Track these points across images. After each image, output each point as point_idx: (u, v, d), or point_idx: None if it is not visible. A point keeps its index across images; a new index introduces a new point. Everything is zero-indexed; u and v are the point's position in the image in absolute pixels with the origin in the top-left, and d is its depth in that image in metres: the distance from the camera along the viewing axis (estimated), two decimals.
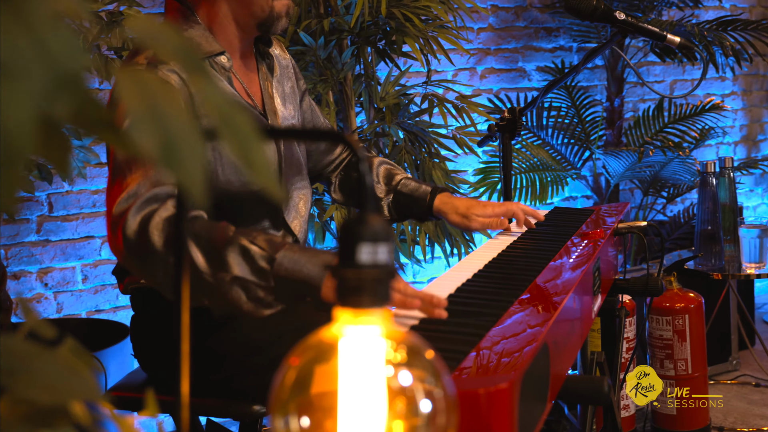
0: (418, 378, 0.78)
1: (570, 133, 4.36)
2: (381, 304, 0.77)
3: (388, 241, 0.77)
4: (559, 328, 1.41)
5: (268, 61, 2.07)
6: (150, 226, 1.59)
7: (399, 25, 3.24)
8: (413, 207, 2.22)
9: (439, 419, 0.78)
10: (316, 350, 0.78)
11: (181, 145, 0.49)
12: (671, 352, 3.18)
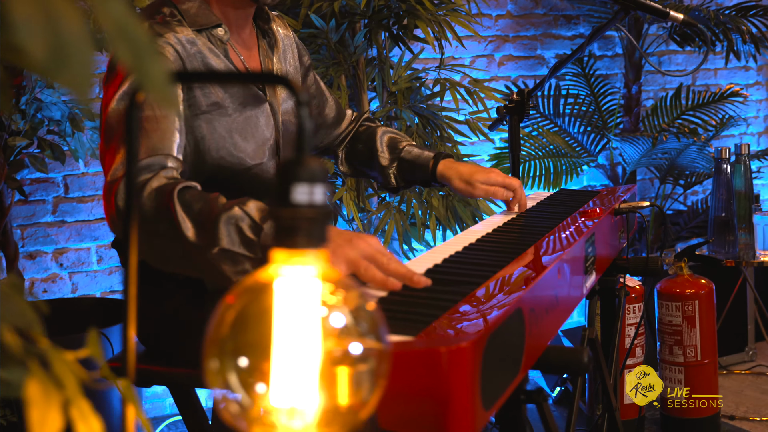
0: (351, 320, 0.78)
1: (587, 121, 4.34)
2: (316, 244, 0.78)
3: (324, 182, 0.77)
4: (538, 297, 1.41)
5: (269, 39, 2.08)
6: (143, 193, 1.60)
7: (410, 8, 3.23)
8: (417, 172, 2.23)
9: (370, 363, 0.78)
10: (252, 290, 0.79)
11: (71, 50, 0.50)
12: (680, 339, 3.16)
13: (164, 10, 1.88)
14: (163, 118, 1.73)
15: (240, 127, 1.91)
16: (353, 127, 2.35)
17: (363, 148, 2.30)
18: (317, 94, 2.26)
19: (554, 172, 4.16)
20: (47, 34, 0.49)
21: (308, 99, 0.74)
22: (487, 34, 4.46)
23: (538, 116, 4.37)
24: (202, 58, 1.86)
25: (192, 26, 1.88)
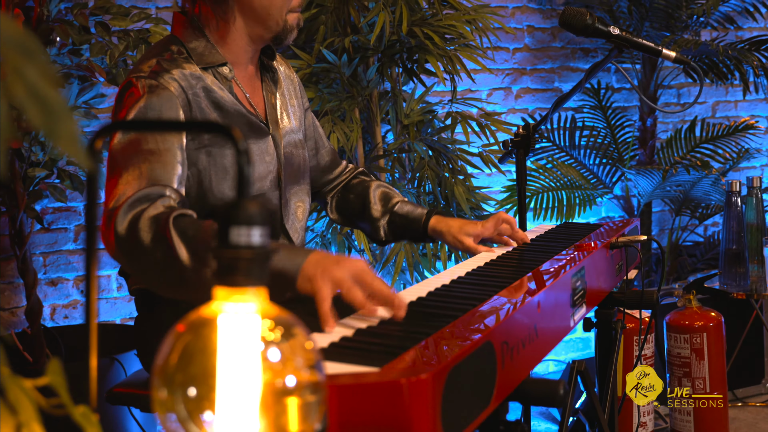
0: (286, 354, 0.83)
1: (603, 153, 4.37)
2: (255, 283, 0.83)
3: (262, 224, 0.83)
4: (512, 330, 1.45)
5: (272, 74, 2.16)
6: (139, 223, 1.66)
7: (420, 44, 3.30)
8: (409, 228, 2.30)
9: (308, 395, 0.83)
10: (198, 325, 0.84)
11: (59, 118, 0.56)
12: (689, 371, 3.17)
13: (172, 47, 1.97)
14: (165, 151, 1.80)
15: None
16: (346, 177, 2.42)
17: (355, 198, 2.37)
18: (314, 136, 2.33)
19: (568, 204, 4.19)
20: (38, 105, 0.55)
21: (246, 148, 0.80)
22: (505, 67, 4.52)
23: (553, 148, 4.41)
24: (207, 93, 1.94)
25: (198, 63, 1.96)
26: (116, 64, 2.87)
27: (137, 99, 1.86)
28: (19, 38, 0.61)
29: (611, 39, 2.21)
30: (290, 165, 2.11)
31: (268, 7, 1.98)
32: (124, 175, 1.76)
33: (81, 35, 2.89)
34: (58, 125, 0.59)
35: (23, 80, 0.59)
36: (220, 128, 0.84)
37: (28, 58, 0.61)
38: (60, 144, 0.59)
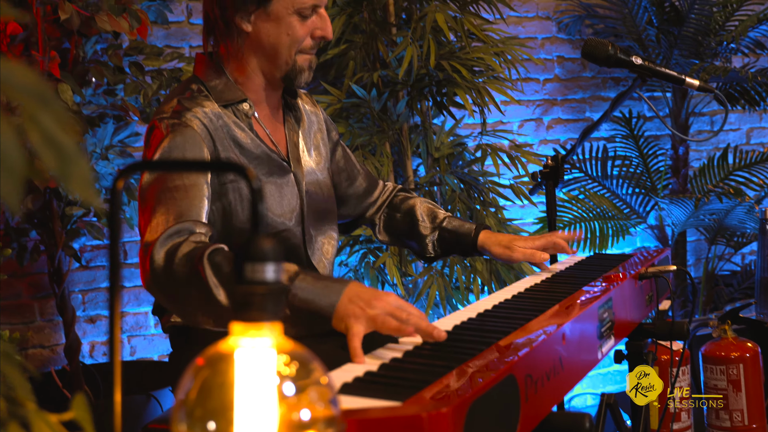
0: (302, 388, 0.85)
1: (636, 182, 4.36)
2: (270, 318, 0.85)
3: (275, 260, 0.85)
4: (536, 363, 1.46)
5: (295, 113, 2.18)
6: (174, 259, 1.70)
7: (448, 77, 3.33)
8: (458, 243, 2.34)
9: (323, 429, 0.85)
10: (215, 360, 0.86)
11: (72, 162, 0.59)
12: (726, 403, 3.14)
13: (193, 86, 2.01)
14: (192, 186, 1.84)
15: (268, 194, 2.01)
16: (387, 197, 2.44)
17: (402, 217, 2.39)
18: (347, 167, 2.35)
19: (601, 234, 4.18)
20: (53, 151, 0.58)
21: (260, 186, 0.82)
22: (535, 98, 4.53)
23: (585, 179, 4.40)
24: (227, 131, 1.97)
25: (218, 101, 1.99)
26: (150, 103, 2.93)
27: (161, 139, 1.90)
28: (35, 86, 0.64)
29: (634, 69, 2.22)
30: (313, 201, 2.13)
31: (276, 45, 1.99)
32: (155, 212, 1.81)
33: (115, 75, 2.95)
34: (71, 169, 0.62)
35: (38, 127, 0.61)
36: (235, 167, 0.87)
37: (43, 105, 0.63)
38: (73, 187, 0.61)
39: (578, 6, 4.48)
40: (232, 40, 2.00)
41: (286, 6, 1.96)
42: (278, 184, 2.04)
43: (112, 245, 0.94)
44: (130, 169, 0.95)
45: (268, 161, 2.03)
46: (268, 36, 1.99)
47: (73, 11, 2.69)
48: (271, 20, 1.97)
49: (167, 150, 1.88)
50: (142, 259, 1.77)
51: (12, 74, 0.64)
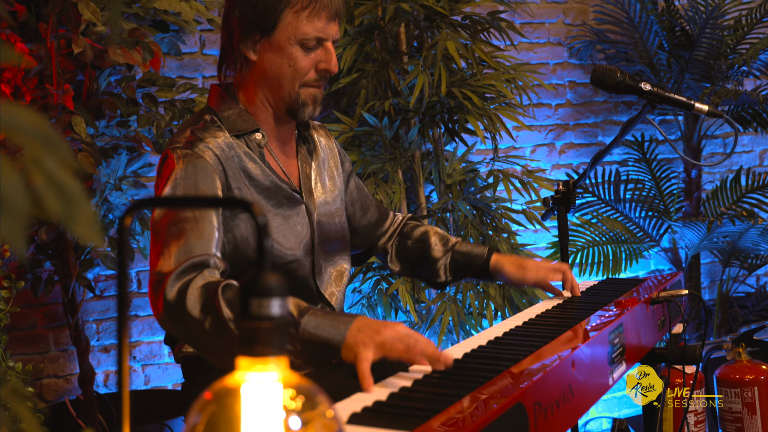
0: (308, 422, 0.86)
1: (649, 205, 4.36)
2: (276, 353, 0.86)
3: (281, 296, 0.86)
4: (545, 390, 1.46)
5: (309, 144, 2.18)
6: (188, 293, 1.71)
7: (460, 104, 3.35)
8: (470, 265, 2.35)
9: None
10: (222, 394, 0.87)
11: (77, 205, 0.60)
12: (741, 426, 3.12)
13: (206, 117, 2.02)
14: (202, 218, 1.84)
15: (276, 226, 2.02)
16: (398, 225, 2.45)
17: (413, 244, 2.41)
18: (360, 197, 2.36)
19: (614, 258, 4.17)
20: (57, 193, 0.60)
21: (265, 222, 0.84)
22: (547, 123, 4.54)
23: (598, 203, 4.41)
24: (239, 162, 1.97)
25: (231, 131, 1.99)
26: (162, 134, 2.96)
27: (173, 169, 1.90)
28: (40, 128, 0.65)
29: (643, 95, 2.23)
30: (325, 233, 2.13)
31: (279, 76, 1.99)
32: (167, 244, 1.81)
33: (129, 107, 2.98)
34: (76, 211, 0.63)
35: (42, 169, 0.63)
36: (240, 203, 0.88)
37: (47, 148, 0.65)
38: (78, 230, 0.63)
39: (589, 31, 4.50)
40: (240, 70, 2.01)
41: (288, 36, 1.95)
42: (288, 215, 2.04)
43: (120, 281, 0.95)
44: (137, 206, 0.96)
45: (278, 192, 2.03)
46: (271, 66, 1.98)
47: (87, 45, 2.73)
48: (274, 50, 1.97)
49: (179, 180, 1.89)
50: (154, 292, 1.78)
51: (16, 117, 0.65)
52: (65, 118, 2.78)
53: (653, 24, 4.27)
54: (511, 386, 1.42)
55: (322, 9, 1.96)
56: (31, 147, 0.64)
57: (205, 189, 1.90)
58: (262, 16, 1.95)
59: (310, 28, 1.95)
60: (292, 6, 1.95)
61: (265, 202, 2.00)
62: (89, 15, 2.65)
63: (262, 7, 1.94)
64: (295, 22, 1.95)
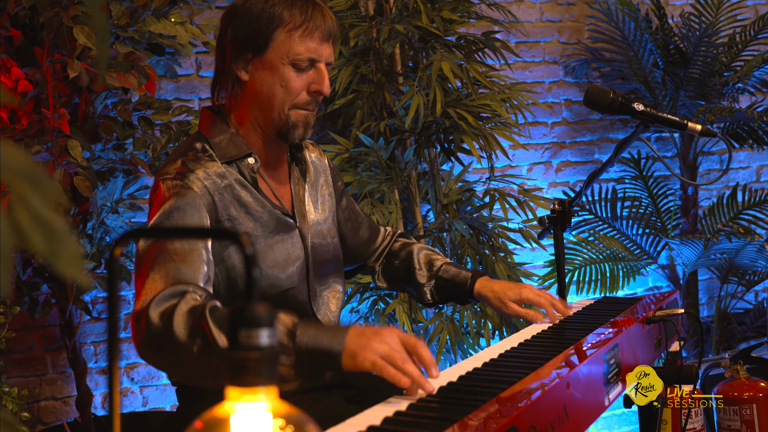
0: None
1: (646, 223, 4.37)
2: (265, 383, 0.86)
3: (269, 326, 0.86)
4: (540, 413, 1.46)
5: (302, 166, 2.15)
6: (173, 319, 1.64)
7: (455, 124, 3.36)
8: (454, 291, 2.33)
9: None
10: (212, 425, 0.87)
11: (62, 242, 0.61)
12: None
13: (196, 145, 1.98)
14: (190, 251, 1.80)
15: (271, 253, 1.98)
16: (388, 243, 2.44)
17: (400, 264, 2.39)
18: (352, 216, 2.34)
19: (611, 276, 4.18)
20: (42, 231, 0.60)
21: (253, 253, 0.84)
22: (544, 142, 4.56)
23: (595, 220, 4.41)
24: (231, 191, 1.94)
25: (222, 159, 1.96)
26: (159, 157, 2.96)
27: (163, 201, 1.87)
28: (25, 166, 0.66)
29: (636, 116, 2.24)
30: (318, 256, 2.11)
31: (270, 97, 1.96)
32: (151, 276, 1.76)
33: (125, 130, 2.99)
34: (60, 248, 0.63)
35: (27, 207, 0.63)
36: (228, 234, 0.88)
37: (33, 186, 0.65)
38: (62, 267, 0.63)
39: (584, 50, 4.52)
40: (233, 91, 1.99)
41: (281, 55, 1.94)
42: (283, 241, 2.02)
43: (111, 313, 0.95)
44: (128, 236, 0.96)
45: (272, 219, 2.00)
46: (263, 86, 1.96)
47: (82, 69, 2.74)
48: (266, 69, 1.95)
49: (168, 212, 1.85)
50: (135, 323, 1.71)
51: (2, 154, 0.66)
52: (61, 141, 2.78)
53: (648, 42, 4.29)
54: (506, 410, 1.42)
55: (315, 29, 1.94)
56: (16, 185, 0.65)
57: (192, 222, 1.86)
58: (254, 34, 1.94)
59: (302, 48, 1.94)
60: (285, 25, 1.93)
61: (260, 230, 1.98)
62: (84, 40, 2.66)
63: (255, 25, 1.93)
64: (287, 41, 1.93)
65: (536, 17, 4.56)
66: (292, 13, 1.93)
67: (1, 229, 0.61)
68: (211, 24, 3.22)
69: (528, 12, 4.53)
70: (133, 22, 2.95)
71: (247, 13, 1.94)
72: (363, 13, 3.51)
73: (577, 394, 1.67)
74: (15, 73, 2.79)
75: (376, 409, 1.50)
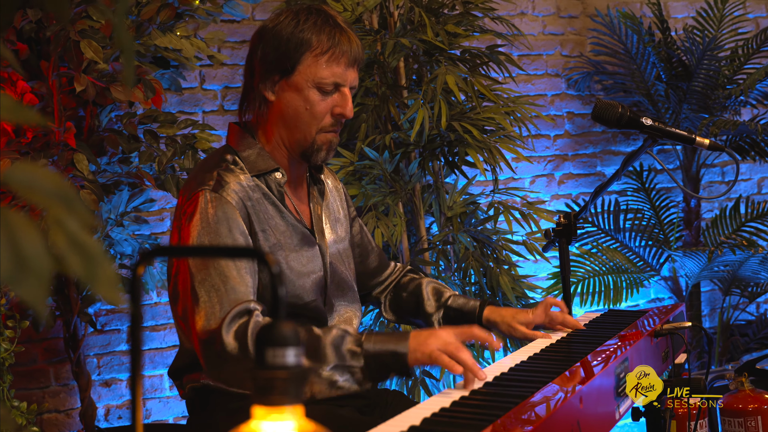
0: None
1: (648, 235, 4.38)
2: (291, 401, 0.87)
3: (296, 345, 0.87)
4: (553, 428, 1.46)
5: (320, 186, 2.20)
6: (247, 339, 1.79)
7: (460, 137, 3.36)
8: (462, 320, 2.36)
9: None
10: None
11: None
12: None
13: (227, 157, 2.04)
14: (241, 265, 1.89)
15: (296, 266, 2.05)
16: (396, 277, 2.47)
17: (408, 296, 2.42)
18: (362, 243, 2.38)
19: (615, 288, 4.18)
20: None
21: (280, 272, 0.84)
22: (546, 154, 4.57)
23: (598, 233, 4.42)
24: (260, 203, 2.01)
25: (251, 172, 2.02)
26: (164, 171, 2.97)
27: (203, 212, 1.93)
28: (59, 189, 0.66)
29: (644, 130, 2.25)
30: (335, 275, 2.16)
31: (296, 118, 2.03)
32: (209, 292, 1.86)
33: (130, 144, 2.99)
34: (97, 271, 0.63)
35: (64, 230, 0.63)
36: (254, 254, 0.88)
37: (68, 209, 0.65)
38: (99, 289, 0.63)
39: (587, 63, 4.53)
40: (260, 109, 2.05)
41: (306, 79, 2.00)
42: (307, 255, 2.07)
43: (133, 330, 0.96)
44: (151, 255, 0.97)
45: (297, 233, 2.06)
46: (288, 107, 2.02)
47: (89, 82, 2.74)
48: (292, 91, 2.01)
49: (210, 226, 1.92)
50: (206, 347, 1.84)
51: (37, 178, 0.66)
52: (67, 155, 2.79)
53: (650, 55, 4.31)
54: (520, 425, 1.42)
55: (342, 55, 2.01)
56: (52, 208, 0.65)
57: (233, 233, 1.93)
58: (283, 57, 2.00)
59: (328, 72, 2.00)
60: (313, 50, 1.99)
61: (289, 241, 2.04)
62: (92, 54, 2.67)
63: (284, 48, 1.99)
64: (314, 66, 2.00)
65: (539, 30, 4.58)
66: (320, 38, 2.00)
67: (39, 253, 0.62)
68: (216, 38, 3.23)
69: (530, 25, 4.54)
70: (139, 35, 2.96)
71: (277, 36, 2.00)
72: (367, 26, 3.52)
73: (589, 408, 1.67)
74: (21, 87, 2.79)
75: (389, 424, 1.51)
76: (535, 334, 2.26)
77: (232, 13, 3.32)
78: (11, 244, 0.61)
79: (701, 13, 4.53)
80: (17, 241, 0.61)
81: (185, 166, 2.98)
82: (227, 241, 1.91)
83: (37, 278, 0.61)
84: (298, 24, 2.00)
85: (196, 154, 3.00)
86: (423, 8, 3.44)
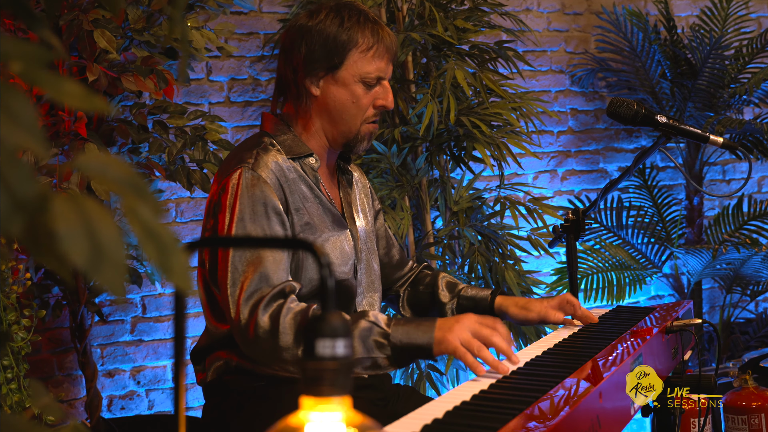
0: None
1: (651, 232, 4.39)
2: (340, 393, 0.87)
3: (345, 336, 0.87)
4: (576, 423, 1.47)
5: (348, 176, 2.29)
6: (280, 322, 1.88)
7: (468, 132, 3.37)
8: (475, 309, 2.41)
9: None
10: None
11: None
12: None
13: (265, 140, 2.12)
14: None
15: (329, 245, 2.12)
16: (415, 272, 2.54)
17: (424, 289, 2.50)
18: (386, 236, 2.46)
19: (617, 284, 4.20)
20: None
21: (329, 262, 0.85)
22: (550, 150, 4.58)
23: (601, 229, 4.43)
24: (296, 183, 2.08)
25: (288, 154, 2.10)
26: (174, 161, 2.97)
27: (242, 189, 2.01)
28: (131, 178, 0.67)
29: (659, 128, 2.26)
30: (364, 259, 2.24)
31: (341, 111, 2.12)
32: (246, 275, 1.94)
33: (140, 134, 2.99)
34: (171, 261, 0.64)
35: (139, 219, 0.64)
36: (304, 245, 0.89)
37: (140, 198, 0.66)
38: (173, 278, 0.64)
39: (591, 60, 4.54)
40: (301, 102, 2.13)
41: (353, 74, 2.09)
42: (339, 236, 2.15)
43: (178, 320, 0.96)
44: (195, 246, 0.97)
45: (330, 215, 2.14)
46: (335, 101, 2.11)
47: (101, 72, 2.74)
48: (338, 86, 2.10)
49: (251, 206, 1.99)
50: (243, 324, 1.91)
51: (109, 167, 0.67)
52: (78, 145, 2.79)
53: (656, 53, 4.32)
54: (543, 419, 1.42)
55: (385, 51, 2.12)
56: (126, 197, 0.66)
57: (268, 213, 2.00)
58: (330, 54, 2.09)
59: (372, 67, 2.10)
60: (359, 47, 2.09)
61: (320, 222, 2.11)
62: (105, 44, 2.67)
63: (331, 46, 2.08)
64: (360, 61, 2.10)
65: (543, 26, 4.59)
66: (365, 35, 2.10)
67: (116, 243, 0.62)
68: (225, 29, 3.23)
69: (535, 21, 4.55)
70: (149, 26, 2.96)
71: (322, 33, 2.09)
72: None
73: (608, 403, 1.68)
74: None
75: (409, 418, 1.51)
76: (549, 313, 2.32)
77: (241, 4, 3.32)
78: (88, 232, 0.62)
79: (706, 12, 4.54)
80: (94, 229, 0.62)
81: (195, 157, 2.98)
82: (263, 220, 1.99)
83: (113, 265, 0.61)
84: (342, 22, 2.09)
85: (206, 146, 3.00)
86: (432, 3, 3.44)
